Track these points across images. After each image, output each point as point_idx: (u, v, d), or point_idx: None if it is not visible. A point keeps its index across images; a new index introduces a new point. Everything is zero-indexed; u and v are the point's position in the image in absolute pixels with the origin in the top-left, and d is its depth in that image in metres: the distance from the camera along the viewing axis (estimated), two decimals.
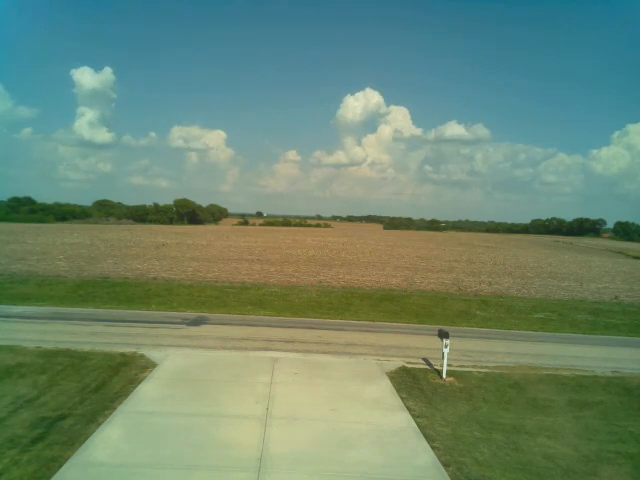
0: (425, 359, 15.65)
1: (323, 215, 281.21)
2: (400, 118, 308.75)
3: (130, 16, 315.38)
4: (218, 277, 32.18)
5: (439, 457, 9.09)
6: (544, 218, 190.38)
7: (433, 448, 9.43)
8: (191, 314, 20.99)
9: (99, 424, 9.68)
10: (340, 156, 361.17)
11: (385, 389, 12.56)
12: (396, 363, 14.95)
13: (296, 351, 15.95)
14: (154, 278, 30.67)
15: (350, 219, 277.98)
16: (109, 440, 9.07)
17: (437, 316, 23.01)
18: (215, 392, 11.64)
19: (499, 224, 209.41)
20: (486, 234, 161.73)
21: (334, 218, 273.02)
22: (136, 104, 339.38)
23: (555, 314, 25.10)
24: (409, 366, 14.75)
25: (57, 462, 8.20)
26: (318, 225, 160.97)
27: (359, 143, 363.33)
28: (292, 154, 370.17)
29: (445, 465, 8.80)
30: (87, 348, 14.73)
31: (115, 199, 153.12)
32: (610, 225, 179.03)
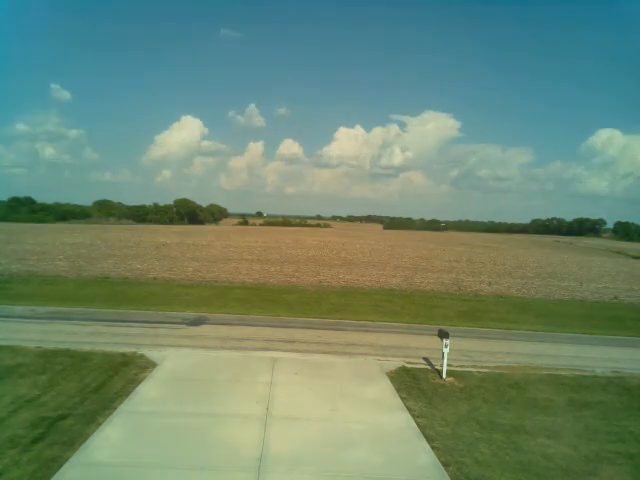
0: (425, 359, 15.65)
1: (323, 215, 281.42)
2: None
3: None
4: (218, 277, 32.19)
5: (439, 457, 9.07)
6: (544, 218, 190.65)
7: (433, 448, 9.41)
8: (191, 314, 20.99)
9: (99, 424, 9.67)
10: (340, 155, 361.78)
11: (385, 389, 12.55)
12: (396, 363, 14.94)
13: (296, 351, 15.94)
14: (154, 278, 30.69)
15: (350, 219, 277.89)
16: (109, 440, 9.06)
17: (437, 316, 23.01)
18: (215, 392, 11.64)
19: (499, 224, 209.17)
20: (486, 234, 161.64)
21: (334, 218, 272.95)
22: None
23: None
24: (409, 366, 14.74)
25: (57, 462, 8.19)
26: (318, 225, 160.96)
27: (360, 143, 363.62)
28: (291, 152, 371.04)
29: (445, 465, 8.79)
30: (87, 348, 14.72)
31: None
32: (610, 225, 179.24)
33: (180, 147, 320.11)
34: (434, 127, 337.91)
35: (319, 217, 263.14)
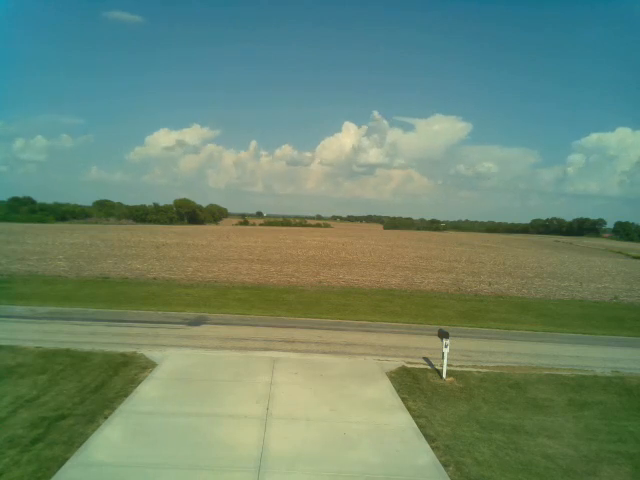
0: (425, 359, 15.65)
1: (323, 215, 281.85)
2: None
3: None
4: (218, 277, 32.17)
5: (439, 457, 9.08)
6: (544, 218, 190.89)
7: (433, 448, 9.42)
8: (191, 314, 20.99)
9: (99, 424, 9.68)
10: (342, 156, 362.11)
11: (385, 389, 12.55)
12: (396, 363, 14.94)
13: (296, 351, 15.94)
14: (154, 278, 30.67)
15: (350, 219, 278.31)
16: (109, 440, 9.06)
17: (437, 316, 23.00)
18: (215, 392, 11.64)
19: (499, 224, 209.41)
20: (486, 234, 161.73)
21: (334, 218, 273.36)
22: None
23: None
24: (409, 366, 14.74)
25: (57, 462, 8.20)
26: (318, 225, 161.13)
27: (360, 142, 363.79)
28: (289, 151, 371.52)
29: (445, 465, 8.80)
30: (87, 348, 14.71)
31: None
32: (610, 225, 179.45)
33: (177, 147, 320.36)
34: (441, 129, 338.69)
35: (319, 217, 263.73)
